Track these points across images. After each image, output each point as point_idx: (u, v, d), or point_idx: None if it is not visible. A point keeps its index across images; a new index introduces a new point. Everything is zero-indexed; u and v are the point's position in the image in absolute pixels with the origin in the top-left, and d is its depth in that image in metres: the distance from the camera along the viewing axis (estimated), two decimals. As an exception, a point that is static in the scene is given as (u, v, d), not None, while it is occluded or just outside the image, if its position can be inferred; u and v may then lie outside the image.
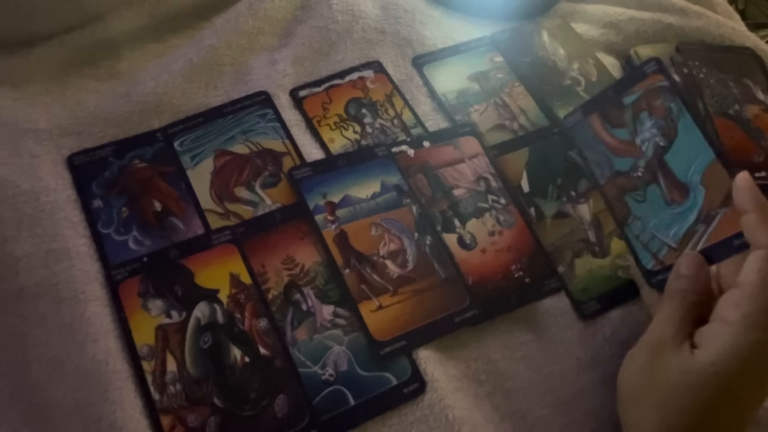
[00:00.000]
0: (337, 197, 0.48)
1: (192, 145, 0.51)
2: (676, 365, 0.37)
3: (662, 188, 0.47)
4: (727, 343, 0.35)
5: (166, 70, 0.54)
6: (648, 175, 0.47)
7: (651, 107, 0.48)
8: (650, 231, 0.46)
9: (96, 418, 0.39)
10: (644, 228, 0.47)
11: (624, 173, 0.49)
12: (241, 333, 0.43)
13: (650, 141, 0.48)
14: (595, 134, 0.51)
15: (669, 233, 0.45)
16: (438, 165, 0.51)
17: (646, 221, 0.47)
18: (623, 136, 0.49)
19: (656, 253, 0.46)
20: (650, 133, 0.48)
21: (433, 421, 0.42)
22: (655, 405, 0.38)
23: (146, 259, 0.45)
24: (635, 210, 0.48)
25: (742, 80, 0.63)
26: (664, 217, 0.46)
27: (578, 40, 0.64)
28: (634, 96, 0.49)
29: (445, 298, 0.46)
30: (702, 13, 0.67)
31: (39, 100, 0.51)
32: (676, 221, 0.45)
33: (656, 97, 0.48)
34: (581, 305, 0.48)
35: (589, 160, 0.51)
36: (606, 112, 0.51)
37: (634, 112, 0.49)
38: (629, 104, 0.49)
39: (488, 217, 0.50)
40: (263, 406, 0.41)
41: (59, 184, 0.47)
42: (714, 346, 0.36)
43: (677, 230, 0.45)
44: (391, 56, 0.58)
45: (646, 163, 0.47)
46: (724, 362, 0.35)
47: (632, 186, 0.48)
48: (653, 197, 0.47)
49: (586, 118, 0.52)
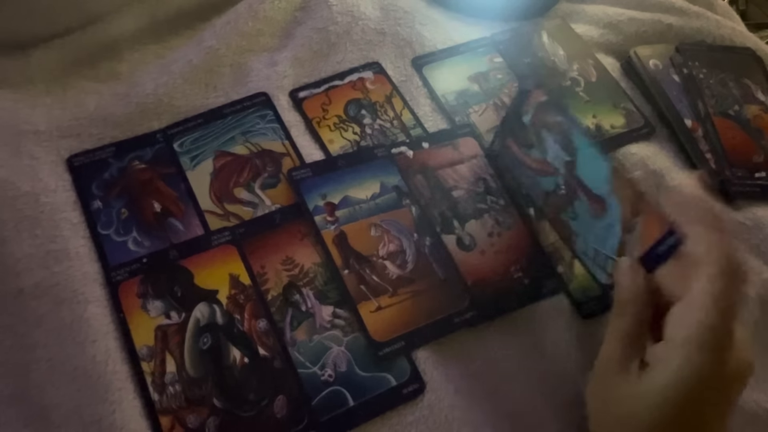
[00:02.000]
0: (337, 198, 0.48)
1: (192, 146, 0.51)
2: (626, 391, 0.35)
3: (585, 203, 0.44)
4: (677, 367, 0.33)
5: (166, 71, 0.54)
6: (570, 192, 0.45)
7: (546, 124, 0.46)
8: (592, 246, 0.44)
9: (95, 418, 0.39)
10: (587, 244, 0.44)
11: (552, 192, 0.47)
12: (241, 334, 0.43)
13: (558, 158, 0.45)
14: (516, 158, 0.49)
15: (606, 246, 0.43)
16: (437, 166, 0.52)
17: (585, 237, 0.45)
18: (537, 156, 0.48)
19: (604, 266, 0.43)
20: (555, 149, 0.46)
21: (433, 422, 0.42)
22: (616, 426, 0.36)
23: (146, 260, 0.45)
24: (574, 227, 0.46)
25: (742, 80, 0.63)
26: (598, 231, 0.43)
27: (578, 40, 0.64)
28: (528, 115, 0.48)
29: (444, 298, 0.46)
30: (702, 14, 0.67)
31: (39, 101, 0.52)
32: (608, 234, 0.42)
33: (546, 112, 0.46)
34: (581, 305, 0.48)
35: (524, 185, 0.49)
36: (516, 135, 0.49)
37: (535, 130, 0.47)
38: (528, 124, 0.48)
39: (487, 218, 0.50)
40: (262, 407, 0.41)
41: (59, 186, 0.48)
42: (664, 368, 0.34)
43: (612, 243, 0.42)
44: (391, 57, 0.58)
45: (564, 180, 0.45)
46: (676, 385, 0.33)
47: (563, 204, 0.46)
48: (582, 213, 0.45)
49: (505, 144, 0.50)
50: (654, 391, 0.34)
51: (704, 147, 0.58)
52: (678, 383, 0.33)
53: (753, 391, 0.46)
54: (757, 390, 0.46)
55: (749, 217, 0.54)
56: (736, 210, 0.54)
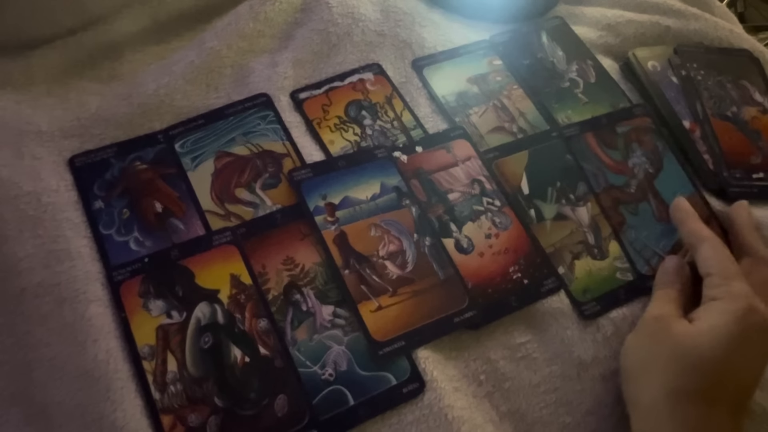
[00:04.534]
0: (337, 198, 0.49)
1: (193, 146, 0.51)
2: (678, 332, 0.42)
3: (652, 207, 0.53)
4: (721, 313, 0.42)
5: (168, 72, 0.54)
6: (640, 194, 0.54)
7: (640, 141, 0.56)
8: (642, 240, 0.52)
9: (97, 417, 0.39)
10: (637, 237, 0.52)
11: (618, 187, 0.54)
12: (242, 333, 0.43)
13: (641, 166, 0.55)
14: (590, 149, 0.55)
15: (659, 245, 0.52)
16: (431, 170, 0.52)
17: (639, 231, 0.52)
18: (616, 157, 0.55)
19: (649, 260, 0.51)
20: (640, 159, 0.55)
21: (433, 421, 0.42)
22: (661, 370, 0.42)
23: (147, 259, 0.45)
24: (630, 220, 0.52)
25: (740, 82, 0.63)
26: (654, 231, 0.52)
27: (577, 41, 0.64)
28: (625, 128, 0.57)
29: (444, 298, 0.46)
30: (700, 16, 0.67)
31: (41, 102, 0.52)
32: (665, 236, 0.52)
33: (645, 134, 0.57)
34: (582, 306, 0.48)
35: (585, 169, 0.54)
36: (600, 134, 0.56)
37: (626, 140, 0.56)
38: (621, 133, 0.57)
39: (484, 220, 0.50)
40: (263, 406, 0.41)
41: (61, 186, 0.48)
42: (709, 316, 0.43)
43: (666, 243, 0.52)
44: (391, 58, 0.59)
45: (637, 183, 0.54)
46: (720, 327, 0.41)
47: (626, 199, 0.53)
48: (645, 213, 0.53)
49: (582, 134, 0.56)
50: (704, 329, 0.42)
51: (702, 148, 0.58)
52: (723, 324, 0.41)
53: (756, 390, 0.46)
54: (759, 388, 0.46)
55: (747, 218, 0.54)
56: (734, 211, 0.55)
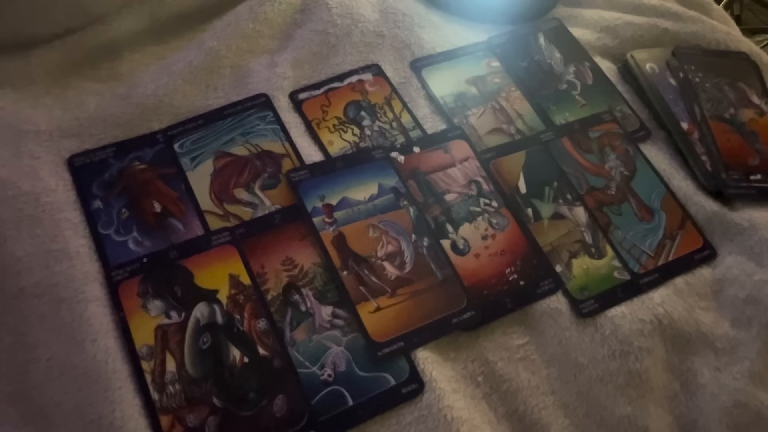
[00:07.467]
0: (335, 199, 0.49)
1: (192, 146, 0.51)
2: None
3: (634, 207, 0.54)
4: None
5: (167, 72, 0.54)
6: (620, 195, 0.55)
7: (612, 145, 0.58)
8: (630, 240, 0.52)
9: (95, 417, 0.39)
10: (624, 237, 0.53)
11: (599, 189, 0.55)
12: (241, 333, 0.43)
13: (616, 168, 0.56)
14: (568, 152, 0.56)
15: (645, 243, 0.53)
16: (429, 170, 0.52)
17: (625, 231, 0.53)
18: (593, 160, 0.56)
19: (638, 258, 0.52)
20: (615, 163, 0.56)
21: (432, 421, 0.42)
22: None
23: (146, 259, 0.45)
24: (615, 220, 0.53)
25: (737, 84, 0.64)
26: (639, 230, 0.53)
27: (574, 42, 0.64)
28: (596, 133, 0.58)
29: (442, 299, 0.46)
30: (697, 18, 0.68)
31: (40, 101, 0.52)
32: (649, 235, 0.53)
33: (615, 139, 0.58)
34: (580, 304, 0.48)
35: (567, 173, 0.55)
36: (575, 138, 0.57)
37: (600, 144, 0.57)
38: (595, 138, 0.58)
39: (481, 221, 0.50)
40: (262, 406, 0.41)
41: (60, 185, 0.48)
42: None
43: (651, 242, 0.53)
44: (390, 59, 0.59)
45: (616, 185, 0.55)
46: None
47: (608, 201, 0.54)
48: (627, 213, 0.54)
49: (558, 139, 0.57)
50: None
51: (700, 150, 0.58)
52: None
53: (758, 390, 0.46)
54: (761, 388, 0.46)
55: (745, 218, 0.54)
56: (732, 212, 0.55)
